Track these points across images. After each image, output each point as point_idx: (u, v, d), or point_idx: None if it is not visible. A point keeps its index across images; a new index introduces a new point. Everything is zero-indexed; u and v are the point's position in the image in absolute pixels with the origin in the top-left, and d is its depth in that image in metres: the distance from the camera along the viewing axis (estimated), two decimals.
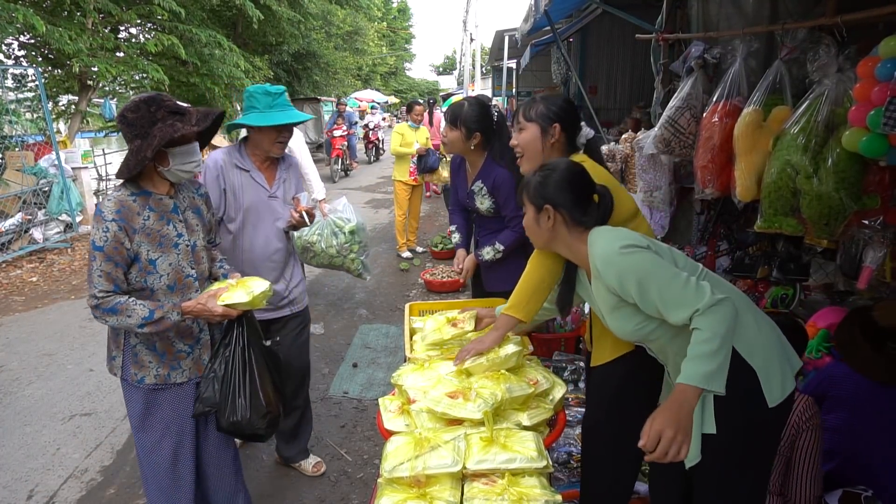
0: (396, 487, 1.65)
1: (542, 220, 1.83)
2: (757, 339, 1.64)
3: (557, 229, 1.82)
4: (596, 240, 1.73)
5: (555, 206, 1.79)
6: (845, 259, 2.49)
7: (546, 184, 1.82)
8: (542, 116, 2.20)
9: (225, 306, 2.02)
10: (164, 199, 2.06)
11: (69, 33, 7.82)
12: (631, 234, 1.73)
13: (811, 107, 2.20)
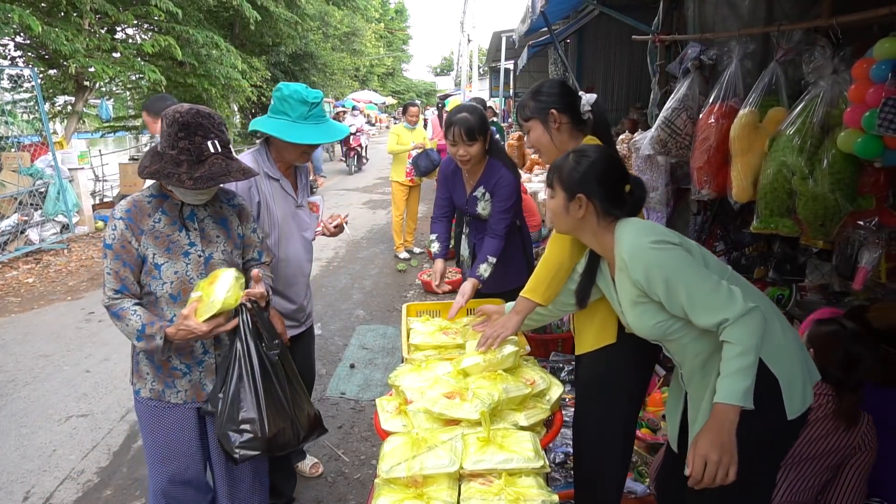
0: (393, 488, 1.65)
1: (572, 208, 1.76)
2: (782, 347, 1.60)
3: (586, 218, 1.76)
4: (625, 232, 1.68)
5: (588, 195, 1.73)
6: (841, 260, 2.50)
7: (581, 171, 1.75)
8: (536, 110, 2.19)
9: (208, 321, 1.83)
10: (183, 205, 1.96)
11: (66, 34, 7.80)
12: (661, 228, 1.68)
13: (807, 108, 2.21)
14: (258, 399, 1.90)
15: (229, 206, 2.11)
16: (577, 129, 2.19)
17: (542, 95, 2.19)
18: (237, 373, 1.91)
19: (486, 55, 18.61)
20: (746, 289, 1.66)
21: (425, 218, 9.40)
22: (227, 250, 2.05)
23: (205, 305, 1.82)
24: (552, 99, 2.17)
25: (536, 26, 6.00)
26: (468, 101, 3.52)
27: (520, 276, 2.77)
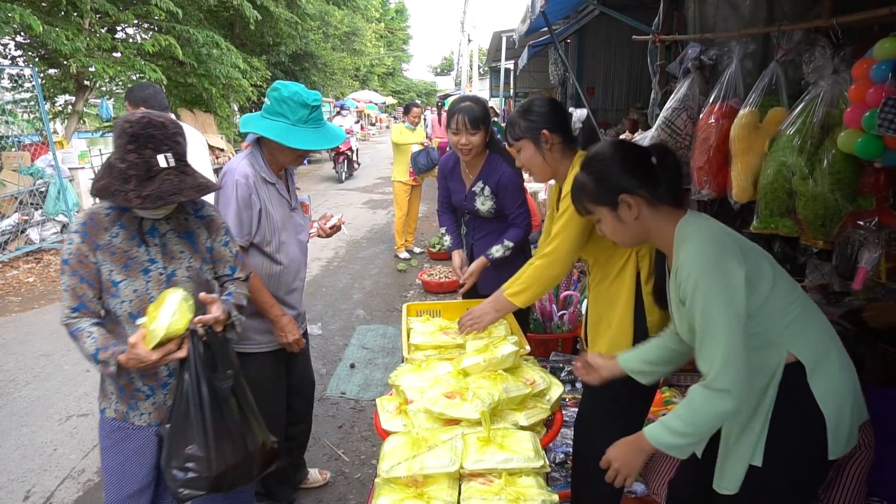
0: (394, 487, 1.65)
1: (624, 214, 1.61)
2: (836, 385, 1.52)
3: (644, 215, 1.60)
4: (689, 236, 1.53)
5: (630, 191, 1.59)
6: (841, 260, 2.50)
7: (607, 175, 1.63)
8: (527, 129, 2.16)
9: (157, 348, 1.69)
10: (143, 219, 1.83)
11: (66, 33, 7.80)
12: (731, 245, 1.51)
13: (807, 108, 2.20)
14: (206, 435, 1.75)
15: (196, 217, 1.95)
16: (568, 148, 2.19)
17: (532, 115, 2.16)
18: (184, 407, 1.76)
19: (486, 55, 18.62)
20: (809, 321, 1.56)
21: (426, 218, 9.40)
22: (193, 266, 1.91)
23: (151, 331, 1.68)
24: (543, 119, 2.15)
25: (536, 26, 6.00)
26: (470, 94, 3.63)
27: None
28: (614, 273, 2.07)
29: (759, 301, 1.50)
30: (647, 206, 1.60)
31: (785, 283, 1.58)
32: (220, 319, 1.84)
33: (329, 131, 2.35)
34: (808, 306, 1.60)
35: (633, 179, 1.59)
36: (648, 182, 1.59)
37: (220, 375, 1.81)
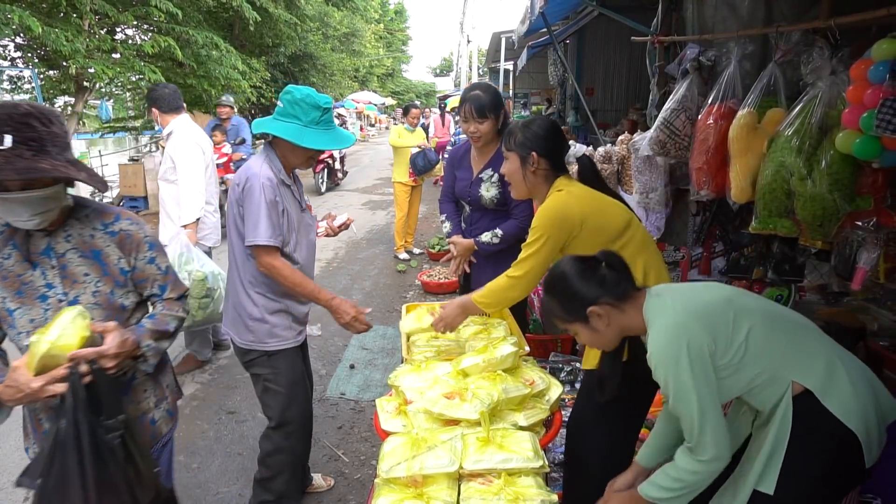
0: (393, 487, 1.65)
1: (596, 324, 1.70)
2: (854, 400, 1.52)
3: (614, 320, 1.69)
4: (653, 323, 1.61)
5: (597, 303, 1.67)
6: (839, 260, 2.50)
7: (570, 295, 1.71)
8: (520, 145, 2.19)
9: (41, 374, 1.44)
10: (34, 236, 1.58)
11: (65, 34, 7.79)
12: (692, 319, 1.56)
13: (805, 109, 2.21)
14: (87, 490, 1.44)
15: (106, 233, 1.67)
16: (552, 174, 2.21)
17: (530, 134, 2.19)
18: (60, 458, 1.44)
19: (485, 56, 18.64)
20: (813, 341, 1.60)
21: (425, 218, 9.41)
22: (101, 291, 1.65)
23: (35, 353, 1.44)
24: (538, 142, 2.17)
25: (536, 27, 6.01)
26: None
27: None
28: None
29: (738, 356, 1.55)
30: (614, 310, 1.68)
31: (768, 322, 1.60)
32: (110, 353, 1.51)
33: (339, 133, 2.40)
34: (802, 333, 1.61)
35: (594, 290, 1.68)
36: (608, 287, 1.68)
37: (106, 424, 1.50)
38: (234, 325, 2.49)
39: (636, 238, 2.14)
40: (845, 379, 1.53)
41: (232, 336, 2.52)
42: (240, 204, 2.31)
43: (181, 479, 3.06)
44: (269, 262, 2.30)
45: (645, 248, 2.15)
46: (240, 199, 2.30)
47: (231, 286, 2.50)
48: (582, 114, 8.60)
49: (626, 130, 5.78)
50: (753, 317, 1.58)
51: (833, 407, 1.50)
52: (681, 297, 1.64)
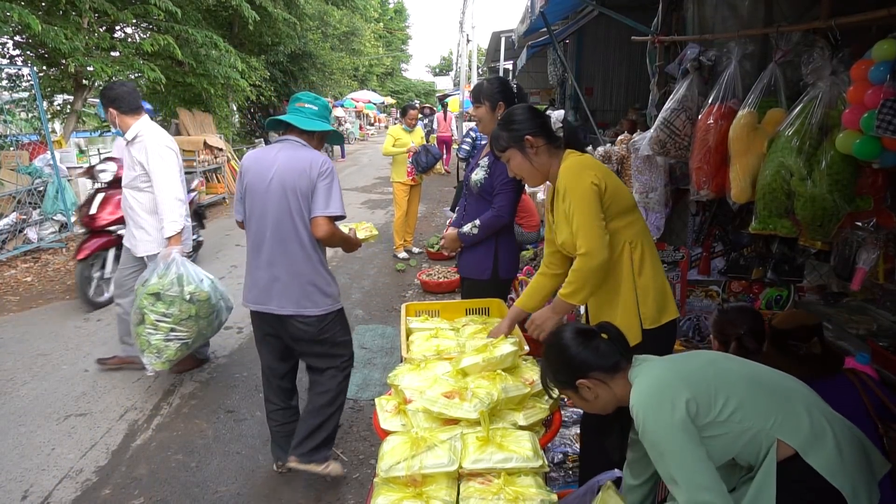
0: (393, 487, 1.65)
1: (585, 394, 1.72)
2: (838, 459, 1.51)
3: (603, 392, 1.71)
4: (638, 384, 1.64)
5: (586, 375, 1.70)
6: (839, 261, 2.51)
7: (563, 365, 1.74)
8: (511, 139, 2.23)
9: None
10: None
11: (65, 32, 7.78)
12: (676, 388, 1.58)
13: (805, 109, 2.21)
14: None
15: None
16: (553, 148, 2.25)
17: (514, 124, 2.23)
18: None
19: (485, 55, 18.62)
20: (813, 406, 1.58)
21: (425, 218, 9.41)
22: None
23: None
24: (525, 125, 2.22)
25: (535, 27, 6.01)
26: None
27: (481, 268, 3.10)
28: (609, 269, 2.13)
29: (722, 415, 1.54)
30: (605, 383, 1.70)
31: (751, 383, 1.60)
32: None
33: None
34: (785, 394, 1.61)
35: (587, 363, 1.70)
36: (601, 360, 1.70)
37: None
38: (310, 298, 2.73)
39: (641, 222, 2.21)
40: (831, 439, 1.53)
41: (303, 312, 2.73)
42: (310, 185, 2.63)
43: (180, 478, 3.06)
44: (333, 229, 2.70)
45: (646, 235, 2.22)
46: (313, 181, 2.63)
47: (294, 268, 2.70)
48: (581, 114, 8.60)
49: (626, 130, 5.78)
50: (731, 387, 1.59)
51: (817, 465, 1.49)
52: (664, 361, 1.70)
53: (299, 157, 2.65)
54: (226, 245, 8.12)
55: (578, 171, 2.11)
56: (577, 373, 1.71)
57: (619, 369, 1.71)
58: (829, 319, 2.85)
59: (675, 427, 1.52)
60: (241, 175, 2.80)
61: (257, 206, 2.70)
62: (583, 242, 2.06)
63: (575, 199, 2.07)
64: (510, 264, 3.14)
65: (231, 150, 13.04)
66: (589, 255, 2.06)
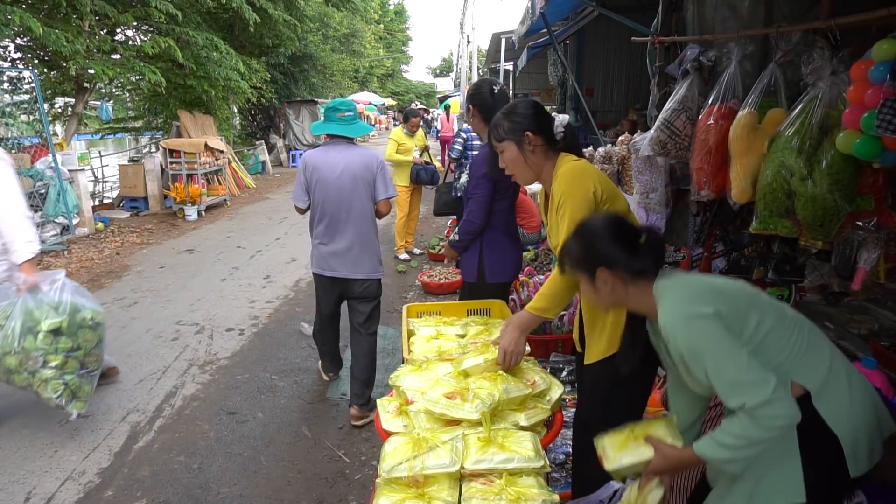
0: (395, 487, 1.65)
1: (600, 287, 1.67)
2: (847, 408, 1.49)
3: (618, 290, 1.66)
4: (664, 297, 1.57)
5: (608, 266, 1.64)
6: (840, 260, 2.51)
7: (591, 248, 1.67)
8: (510, 131, 2.16)
9: None
10: None
11: (66, 35, 7.80)
12: (702, 292, 1.53)
13: (805, 109, 2.21)
14: None
15: None
16: (551, 150, 2.19)
17: (516, 116, 2.16)
18: None
19: (485, 56, 18.65)
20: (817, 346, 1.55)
21: (425, 219, 9.41)
22: None
23: None
24: (527, 121, 2.15)
25: (536, 27, 6.02)
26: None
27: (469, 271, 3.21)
28: None
29: (758, 335, 1.50)
30: (623, 283, 1.64)
31: (780, 318, 1.55)
32: None
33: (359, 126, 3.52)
34: (812, 337, 1.56)
35: (616, 256, 1.63)
36: (631, 260, 1.63)
37: None
38: (371, 264, 3.50)
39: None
40: (845, 387, 1.51)
41: (363, 276, 3.48)
42: (373, 175, 3.41)
43: (182, 480, 3.07)
44: (391, 206, 3.58)
45: None
46: (374, 173, 3.42)
47: (360, 238, 3.44)
48: (582, 114, 8.60)
49: (626, 131, 5.78)
50: (766, 310, 1.54)
51: (823, 410, 1.48)
52: (697, 275, 1.65)
53: (359, 154, 3.42)
54: (227, 247, 8.13)
55: (577, 177, 2.06)
56: (600, 262, 1.64)
57: (644, 277, 1.63)
58: (831, 319, 2.84)
59: (710, 322, 1.45)
60: (306, 170, 3.41)
61: (332, 194, 3.37)
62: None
63: (570, 206, 2.01)
64: (496, 268, 3.15)
65: (232, 151, 13.06)
66: None
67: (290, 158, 17.82)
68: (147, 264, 7.30)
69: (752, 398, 1.39)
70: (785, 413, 1.39)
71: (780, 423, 1.40)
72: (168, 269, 7.04)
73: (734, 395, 1.42)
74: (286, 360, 4.49)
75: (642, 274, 1.63)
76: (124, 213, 10.17)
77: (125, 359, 4.49)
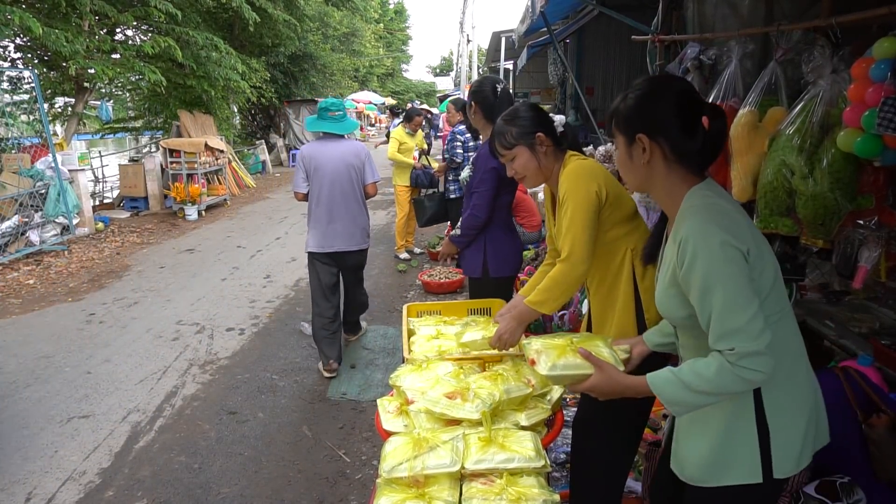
0: (395, 487, 1.65)
1: (635, 154, 1.47)
2: (791, 400, 1.44)
3: (655, 165, 1.46)
4: (697, 210, 1.39)
5: (651, 134, 1.43)
6: (841, 259, 2.50)
7: (641, 106, 1.46)
8: (520, 135, 2.13)
9: None
10: None
11: (66, 35, 7.80)
12: (741, 227, 1.37)
13: (806, 108, 2.21)
14: None
15: None
16: (558, 150, 2.17)
17: (522, 120, 2.14)
18: None
19: (485, 55, 18.64)
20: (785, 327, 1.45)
21: None
22: None
23: None
24: (534, 122, 2.13)
25: (536, 26, 6.01)
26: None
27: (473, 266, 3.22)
28: (611, 276, 2.07)
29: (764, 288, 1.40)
30: (663, 159, 1.45)
31: (780, 287, 1.47)
32: None
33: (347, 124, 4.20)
34: (789, 317, 1.50)
35: (667, 125, 1.43)
36: (680, 135, 1.43)
37: None
38: (361, 237, 4.24)
39: (642, 227, 2.13)
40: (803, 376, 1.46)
41: (356, 248, 4.22)
42: (361, 162, 4.15)
43: (183, 480, 3.07)
44: (377, 189, 4.33)
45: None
46: (363, 162, 4.15)
47: (352, 216, 4.14)
48: (582, 113, 8.60)
49: None
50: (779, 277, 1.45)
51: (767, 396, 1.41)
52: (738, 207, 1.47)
53: (350, 146, 4.16)
54: (227, 247, 8.13)
55: (583, 176, 2.02)
56: (646, 127, 1.44)
57: (684, 165, 1.45)
58: (831, 318, 2.84)
59: (740, 259, 1.32)
60: (305, 160, 4.07)
61: (327, 179, 4.04)
62: (568, 246, 1.96)
63: (572, 204, 1.98)
64: (500, 262, 3.18)
65: (232, 151, 13.04)
66: (571, 261, 1.95)
67: (291, 158, 17.82)
68: (147, 264, 7.30)
69: (744, 345, 1.29)
70: (765, 369, 1.30)
71: (755, 378, 1.30)
72: (168, 269, 7.04)
73: (727, 339, 1.31)
74: (287, 360, 4.49)
75: (686, 160, 1.45)
76: (124, 212, 10.18)
77: (125, 359, 4.50)
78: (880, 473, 2.01)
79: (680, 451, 1.58)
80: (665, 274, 1.50)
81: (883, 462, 2.00)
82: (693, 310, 1.40)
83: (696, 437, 1.51)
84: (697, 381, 1.34)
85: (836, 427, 2.14)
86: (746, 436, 1.42)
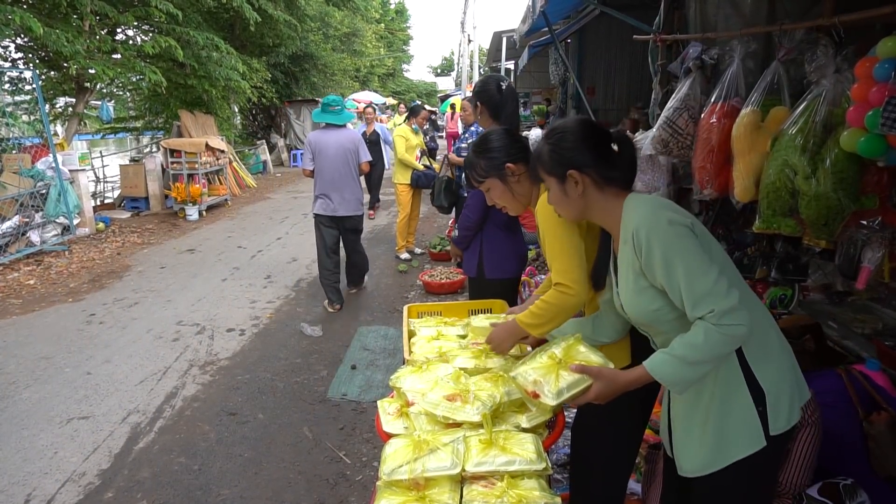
0: (395, 490, 1.64)
1: (569, 189, 1.63)
2: (775, 360, 1.54)
3: (588, 194, 1.63)
4: (639, 205, 1.56)
5: (579, 168, 1.60)
6: (844, 259, 2.49)
7: (561, 148, 1.64)
8: (490, 168, 2.11)
9: None
10: None
11: (66, 35, 7.80)
12: (677, 207, 1.56)
13: (809, 107, 2.20)
14: None
15: None
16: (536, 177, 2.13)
17: (491, 152, 2.11)
18: None
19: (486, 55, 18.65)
20: (744, 293, 1.54)
21: (426, 219, 9.40)
22: None
23: None
24: (503, 153, 2.10)
25: (537, 26, 5.99)
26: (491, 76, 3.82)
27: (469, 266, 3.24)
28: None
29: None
30: (594, 187, 1.62)
31: (720, 253, 1.58)
32: None
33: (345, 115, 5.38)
34: (749, 293, 1.60)
35: (587, 158, 1.61)
36: (601, 164, 1.61)
37: None
38: (357, 205, 5.52)
39: None
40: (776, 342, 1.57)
41: (353, 213, 5.49)
42: (356, 146, 5.43)
43: (182, 482, 3.06)
44: (368, 165, 5.64)
45: None
46: (356, 146, 5.43)
47: (349, 188, 5.44)
48: (583, 113, 8.58)
49: (628, 130, 5.76)
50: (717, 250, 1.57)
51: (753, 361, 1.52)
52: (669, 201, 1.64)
53: (346, 133, 5.45)
54: (228, 248, 8.12)
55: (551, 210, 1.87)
56: (573, 164, 1.61)
57: (614, 185, 1.62)
58: (834, 319, 2.83)
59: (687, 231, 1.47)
60: (311, 144, 5.31)
61: (329, 159, 5.28)
62: (559, 274, 1.86)
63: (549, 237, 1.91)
64: (495, 263, 3.16)
65: (233, 151, 13.04)
66: (567, 290, 1.84)
67: (292, 158, 17.82)
68: (148, 264, 7.29)
69: (720, 304, 1.39)
70: (745, 322, 1.40)
71: (738, 332, 1.40)
72: (169, 270, 7.04)
73: (703, 303, 1.41)
74: (287, 361, 4.48)
75: (614, 181, 1.62)
76: (125, 213, 10.18)
77: (126, 359, 4.49)
78: (878, 469, 2.04)
79: (682, 448, 1.63)
80: (627, 277, 1.60)
81: (881, 458, 2.01)
82: (666, 298, 1.51)
83: (695, 427, 1.59)
84: (691, 352, 1.43)
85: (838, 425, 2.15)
86: (743, 406, 1.51)
